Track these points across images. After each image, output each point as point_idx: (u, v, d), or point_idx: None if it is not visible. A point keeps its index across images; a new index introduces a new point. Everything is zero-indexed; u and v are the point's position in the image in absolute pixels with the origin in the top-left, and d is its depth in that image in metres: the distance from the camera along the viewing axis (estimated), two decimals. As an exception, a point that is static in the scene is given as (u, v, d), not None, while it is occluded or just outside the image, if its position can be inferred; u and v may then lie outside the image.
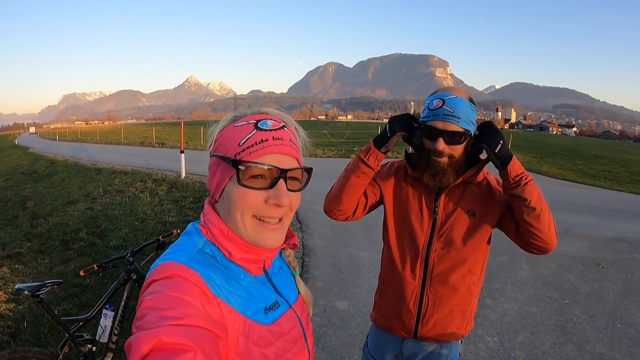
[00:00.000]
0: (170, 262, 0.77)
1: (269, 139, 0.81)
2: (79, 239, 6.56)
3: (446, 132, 1.48)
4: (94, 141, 37.97)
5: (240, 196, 0.81)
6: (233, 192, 0.81)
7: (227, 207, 0.83)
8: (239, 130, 0.83)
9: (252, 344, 0.79)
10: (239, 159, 0.79)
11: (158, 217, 7.84)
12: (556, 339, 3.61)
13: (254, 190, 0.80)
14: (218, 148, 0.85)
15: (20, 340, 3.52)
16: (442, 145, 1.48)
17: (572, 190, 12.75)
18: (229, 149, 0.82)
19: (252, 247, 0.85)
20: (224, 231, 0.84)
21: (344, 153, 20.99)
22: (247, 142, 0.80)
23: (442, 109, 1.48)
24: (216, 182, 0.85)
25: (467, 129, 1.49)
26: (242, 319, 0.79)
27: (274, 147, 0.81)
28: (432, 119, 1.50)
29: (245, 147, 0.80)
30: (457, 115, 1.46)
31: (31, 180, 14.56)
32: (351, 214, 1.75)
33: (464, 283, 1.63)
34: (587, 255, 5.81)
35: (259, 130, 0.81)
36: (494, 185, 1.62)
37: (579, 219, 7.88)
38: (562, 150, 32.15)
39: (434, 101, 1.52)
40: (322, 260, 5.52)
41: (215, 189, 0.85)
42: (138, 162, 17.28)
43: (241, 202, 0.81)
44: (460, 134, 1.48)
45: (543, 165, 20.52)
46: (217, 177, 0.84)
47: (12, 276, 5.02)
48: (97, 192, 10.56)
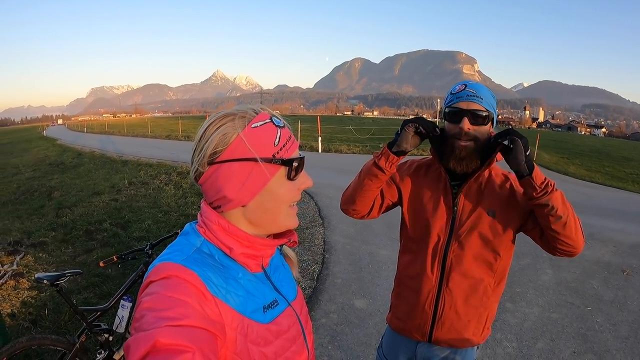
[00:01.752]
0: (168, 262, 0.77)
1: (290, 136, 0.86)
2: (102, 229, 6.71)
3: (470, 111, 1.48)
4: (120, 134, 38.73)
5: (288, 190, 0.86)
6: (279, 188, 0.85)
7: (268, 205, 0.85)
8: (263, 130, 0.83)
9: (250, 343, 0.79)
10: (280, 157, 0.83)
11: (181, 210, 7.96)
12: (576, 347, 3.52)
13: (294, 182, 0.87)
14: (244, 152, 0.81)
15: (41, 327, 3.62)
16: (467, 125, 1.48)
17: (599, 192, 12.41)
18: (263, 150, 0.82)
19: (253, 242, 0.85)
20: (225, 226, 0.84)
21: (369, 149, 20.85)
22: (280, 141, 0.84)
23: (465, 91, 1.51)
24: (249, 186, 0.82)
25: (490, 110, 1.51)
26: (240, 318, 0.79)
27: (295, 141, 0.88)
28: (455, 101, 1.52)
29: (282, 145, 0.83)
30: (480, 96, 1.49)
31: (58, 171, 14.93)
32: (366, 214, 1.75)
33: (481, 286, 1.60)
34: (612, 261, 5.63)
35: (279, 128, 0.84)
36: (517, 187, 1.57)
37: (605, 223, 7.66)
38: (590, 151, 31.46)
39: (456, 86, 1.56)
40: (342, 257, 5.51)
41: (246, 193, 0.83)
42: (164, 154, 17.57)
43: (289, 195, 0.87)
44: (484, 114, 1.49)
45: (570, 167, 20.08)
46: (252, 180, 0.82)
47: (35, 264, 5.17)
48: (122, 183, 10.79)
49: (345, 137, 25.95)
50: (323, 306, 4.14)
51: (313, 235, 6.35)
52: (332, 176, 11.47)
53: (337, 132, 28.87)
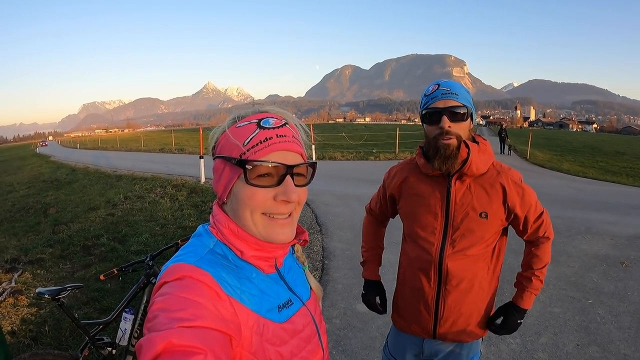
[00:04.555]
0: (181, 263, 0.77)
1: (272, 137, 0.81)
2: (100, 244, 6.68)
3: (448, 108, 1.49)
4: (114, 149, 38.66)
5: (249, 195, 0.81)
6: (241, 191, 0.82)
7: (235, 207, 0.83)
8: (242, 130, 0.82)
9: (266, 343, 0.79)
10: (245, 158, 0.80)
11: (178, 222, 7.93)
12: (580, 340, 3.53)
13: (262, 189, 0.80)
14: (222, 149, 0.84)
15: (42, 344, 3.58)
16: (447, 123, 1.49)
17: (593, 187, 12.49)
18: (233, 150, 0.82)
19: (263, 245, 0.84)
20: (234, 230, 0.84)
21: (362, 155, 20.92)
22: (251, 141, 0.80)
23: (439, 90, 1.52)
24: (223, 183, 0.84)
25: (467, 105, 1.51)
26: (255, 318, 0.79)
27: (278, 145, 0.81)
28: (431, 102, 1.53)
29: (250, 147, 0.80)
30: (454, 92, 1.50)
31: (53, 187, 14.84)
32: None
33: (478, 284, 1.62)
34: (610, 253, 5.66)
35: (262, 129, 0.81)
36: (510, 190, 1.56)
37: (601, 217, 7.70)
38: (582, 147, 31.67)
39: (429, 87, 1.57)
40: (342, 262, 5.49)
41: (222, 190, 0.85)
42: (158, 168, 17.54)
43: (250, 201, 0.81)
44: (462, 109, 1.50)
45: (564, 163, 20.22)
46: (224, 179, 0.84)
47: (34, 281, 5.12)
48: (117, 198, 10.74)
49: (339, 144, 26.02)
50: (325, 312, 4.12)
51: (311, 242, 6.34)
52: (327, 183, 11.50)
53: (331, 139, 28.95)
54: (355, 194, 10.09)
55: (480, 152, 1.56)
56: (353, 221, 7.51)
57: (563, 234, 6.49)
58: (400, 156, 20.10)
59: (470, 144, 1.54)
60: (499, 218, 1.57)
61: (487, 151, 1.59)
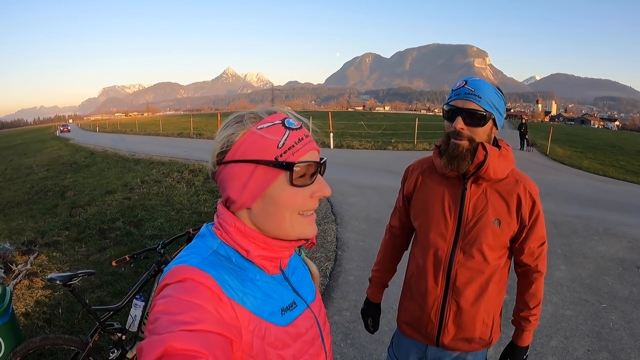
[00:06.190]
0: (183, 265, 0.76)
1: (303, 138, 0.82)
2: (115, 228, 6.78)
3: (465, 110, 1.44)
4: (132, 132, 39.06)
5: (291, 196, 0.81)
6: (280, 194, 0.81)
7: (270, 210, 0.82)
8: (269, 132, 0.80)
9: (268, 346, 0.78)
10: (283, 160, 0.79)
11: (194, 208, 8.00)
12: (590, 345, 3.48)
13: (301, 188, 0.82)
14: (246, 153, 0.80)
15: (55, 326, 3.66)
16: (460, 124, 1.45)
17: (613, 187, 12.24)
18: (266, 152, 0.79)
19: (270, 243, 0.83)
20: (241, 228, 0.82)
21: (380, 145, 20.74)
22: (287, 143, 0.80)
23: (463, 88, 1.46)
24: (251, 189, 0.81)
25: (488, 110, 1.45)
26: (257, 321, 0.78)
27: (309, 145, 0.83)
28: (453, 99, 1.48)
29: (287, 148, 0.79)
30: (478, 95, 1.44)
31: (71, 170, 15.10)
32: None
33: (486, 293, 1.58)
34: (627, 257, 5.55)
35: (291, 130, 0.81)
36: (525, 200, 1.52)
37: (619, 218, 7.54)
38: (603, 145, 31.01)
39: (457, 83, 1.51)
40: (355, 254, 5.49)
41: (247, 196, 0.81)
42: (176, 152, 17.66)
43: (292, 202, 0.81)
44: (480, 114, 1.44)
45: (584, 161, 19.82)
46: (254, 183, 0.80)
47: (49, 264, 5.23)
48: (134, 182, 10.88)
49: (357, 133, 25.86)
50: (336, 304, 4.14)
51: (325, 232, 6.34)
52: (344, 172, 11.46)
53: (349, 127, 28.81)
54: (371, 183, 10.05)
55: (500, 157, 1.51)
56: (368, 212, 7.50)
57: (580, 234, 6.39)
58: (418, 147, 19.96)
59: (490, 147, 1.49)
60: (511, 228, 1.53)
61: (508, 158, 1.54)
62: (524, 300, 1.64)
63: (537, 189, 1.57)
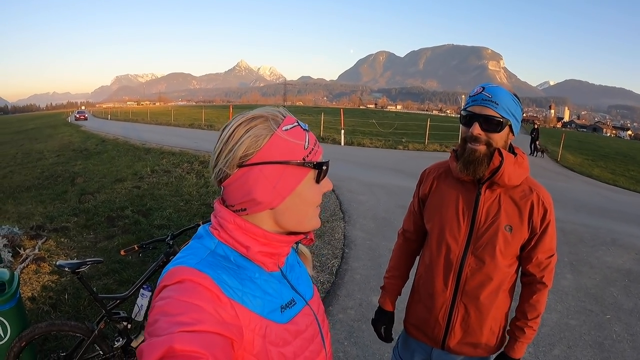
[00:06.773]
0: (181, 266, 0.77)
1: (315, 139, 0.88)
2: (124, 216, 6.82)
3: (482, 116, 1.45)
4: (144, 121, 39.13)
5: (315, 193, 0.87)
6: (307, 191, 0.86)
7: (297, 207, 0.85)
8: (293, 134, 0.82)
9: (269, 344, 0.79)
10: (310, 160, 0.84)
11: (203, 199, 8.01)
12: (593, 356, 3.45)
13: (319, 185, 0.88)
14: (274, 154, 0.80)
15: (60, 312, 3.69)
16: (477, 130, 1.46)
17: (622, 197, 12.12)
18: (294, 153, 0.81)
19: (271, 238, 0.84)
20: (241, 224, 0.83)
21: (391, 144, 20.64)
22: (309, 145, 0.84)
23: (481, 94, 1.47)
24: (279, 189, 0.82)
25: (505, 116, 1.45)
26: (258, 320, 0.79)
27: (320, 145, 0.89)
28: (470, 105, 1.50)
29: (310, 149, 0.84)
30: (495, 101, 1.45)
31: (82, 157, 15.21)
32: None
33: (495, 300, 1.59)
34: (634, 268, 5.50)
35: (307, 132, 0.86)
36: (538, 208, 1.53)
37: (628, 229, 7.46)
38: (615, 154, 30.68)
39: (475, 89, 1.52)
40: (362, 252, 5.48)
41: (276, 196, 0.82)
42: (186, 143, 17.69)
43: (317, 198, 0.88)
44: (497, 120, 1.45)
45: (595, 169, 19.64)
46: (283, 183, 0.82)
47: (57, 249, 5.27)
48: (144, 171, 10.93)
49: (368, 131, 25.74)
50: (341, 302, 4.14)
51: (333, 229, 6.33)
52: (354, 170, 11.45)
53: (360, 125, 28.67)
54: (380, 182, 10.03)
55: (516, 164, 1.52)
56: (376, 211, 7.48)
57: (587, 244, 6.34)
58: (429, 147, 19.85)
59: (506, 153, 1.50)
60: (522, 235, 1.53)
61: (523, 165, 1.54)
62: (522, 310, 1.63)
63: (550, 198, 1.56)
